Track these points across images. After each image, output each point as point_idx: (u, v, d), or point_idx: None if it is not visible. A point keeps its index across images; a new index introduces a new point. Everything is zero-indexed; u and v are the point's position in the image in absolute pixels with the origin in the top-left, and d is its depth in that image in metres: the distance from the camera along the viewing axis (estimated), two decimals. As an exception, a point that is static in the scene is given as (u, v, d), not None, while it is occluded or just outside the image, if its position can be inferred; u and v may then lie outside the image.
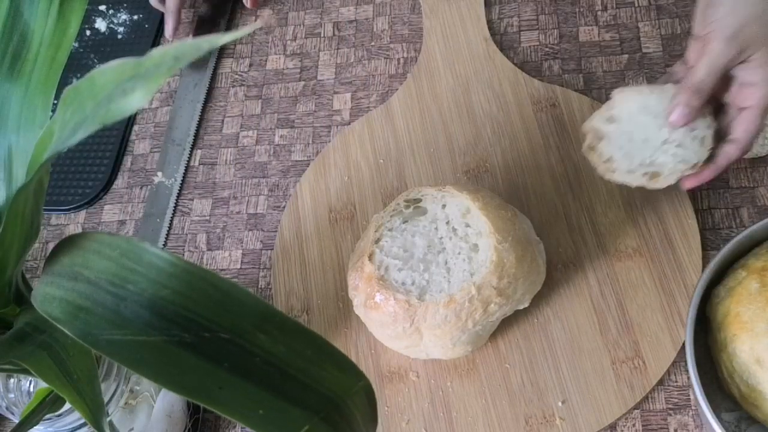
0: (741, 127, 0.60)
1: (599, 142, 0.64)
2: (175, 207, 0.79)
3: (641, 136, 0.63)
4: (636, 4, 0.80)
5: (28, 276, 0.46)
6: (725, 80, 0.61)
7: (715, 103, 0.63)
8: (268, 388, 0.33)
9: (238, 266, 0.75)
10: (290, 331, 0.34)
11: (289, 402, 0.33)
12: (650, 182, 0.62)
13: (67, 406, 0.50)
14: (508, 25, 0.83)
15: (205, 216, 0.78)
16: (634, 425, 0.61)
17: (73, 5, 0.42)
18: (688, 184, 0.62)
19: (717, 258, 0.59)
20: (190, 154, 0.82)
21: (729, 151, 0.61)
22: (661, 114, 0.62)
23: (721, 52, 0.58)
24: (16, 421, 0.51)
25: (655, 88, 0.64)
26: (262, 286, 0.73)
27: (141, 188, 0.81)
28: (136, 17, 0.91)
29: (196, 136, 0.83)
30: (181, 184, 0.80)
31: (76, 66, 0.88)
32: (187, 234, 0.77)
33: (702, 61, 0.59)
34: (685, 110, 0.60)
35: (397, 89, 0.80)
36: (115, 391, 0.54)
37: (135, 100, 0.30)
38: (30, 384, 0.53)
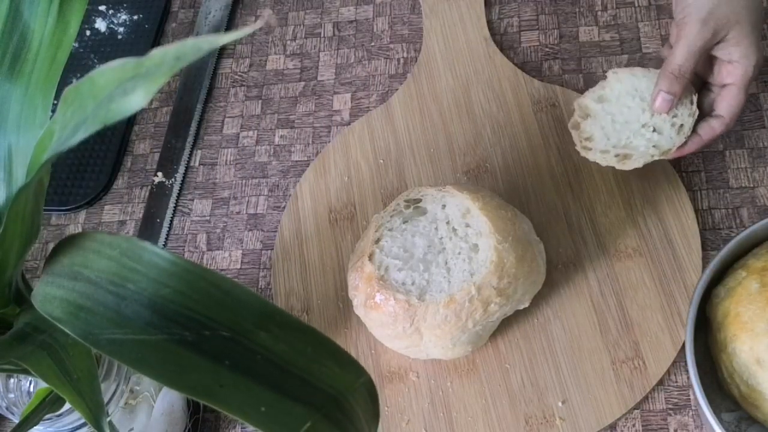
0: (724, 103, 0.62)
1: (584, 119, 0.65)
2: (175, 207, 0.79)
3: (623, 118, 0.65)
4: (636, 4, 0.80)
5: (28, 276, 0.46)
6: (708, 60, 0.63)
7: (700, 86, 0.64)
8: (269, 385, 0.33)
9: (238, 266, 0.75)
10: (291, 329, 0.34)
11: (291, 399, 0.33)
12: (620, 163, 0.63)
13: (67, 406, 0.50)
14: (508, 25, 0.83)
15: (205, 216, 0.78)
16: (634, 425, 0.61)
17: (73, 5, 0.42)
18: (670, 156, 0.63)
19: (717, 258, 0.59)
20: (190, 154, 0.82)
21: (714, 126, 0.62)
22: (648, 98, 0.64)
23: (696, 35, 0.60)
24: (16, 421, 0.51)
25: (648, 72, 0.65)
26: (262, 286, 0.73)
27: (141, 188, 0.81)
28: (136, 17, 0.91)
29: (196, 136, 0.83)
30: (181, 184, 0.80)
31: (76, 66, 0.88)
32: (187, 234, 0.77)
33: (679, 45, 0.61)
34: (667, 96, 0.62)
35: (397, 89, 0.80)
36: (115, 391, 0.54)
37: (135, 100, 0.29)
38: (30, 384, 0.53)
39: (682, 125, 0.63)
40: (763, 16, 0.63)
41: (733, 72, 0.61)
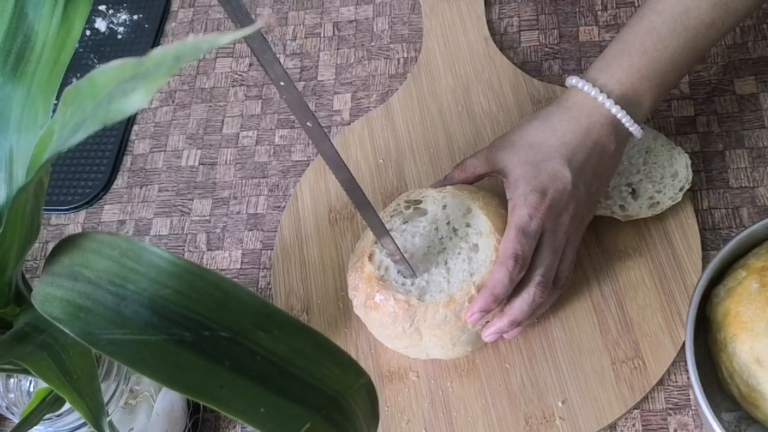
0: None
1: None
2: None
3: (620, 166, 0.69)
4: (636, 4, 0.80)
5: (28, 276, 0.46)
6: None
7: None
8: (269, 386, 0.33)
9: (238, 266, 0.75)
10: (291, 330, 0.34)
11: (290, 400, 0.33)
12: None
13: (67, 406, 0.50)
14: (508, 25, 0.83)
15: (205, 216, 0.78)
16: (634, 425, 0.61)
17: (78, 7, 0.42)
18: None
19: (717, 258, 0.59)
20: (189, 154, 0.82)
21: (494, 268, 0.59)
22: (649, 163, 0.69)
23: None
24: (16, 421, 0.51)
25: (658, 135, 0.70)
26: (262, 286, 0.73)
27: (141, 188, 0.81)
28: (136, 17, 0.91)
29: (196, 135, 0.83)
30: None
31: (76, 66, 0.88)
32: (187, 234, 0.77)
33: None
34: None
35: (397, 89, 0.80)
36: (115, 391, 0.54)
37: (135, 100, 0.29)
38: (30, 384, 0.53)
39: (658, 203, 0.66)
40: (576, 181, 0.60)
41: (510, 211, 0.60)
